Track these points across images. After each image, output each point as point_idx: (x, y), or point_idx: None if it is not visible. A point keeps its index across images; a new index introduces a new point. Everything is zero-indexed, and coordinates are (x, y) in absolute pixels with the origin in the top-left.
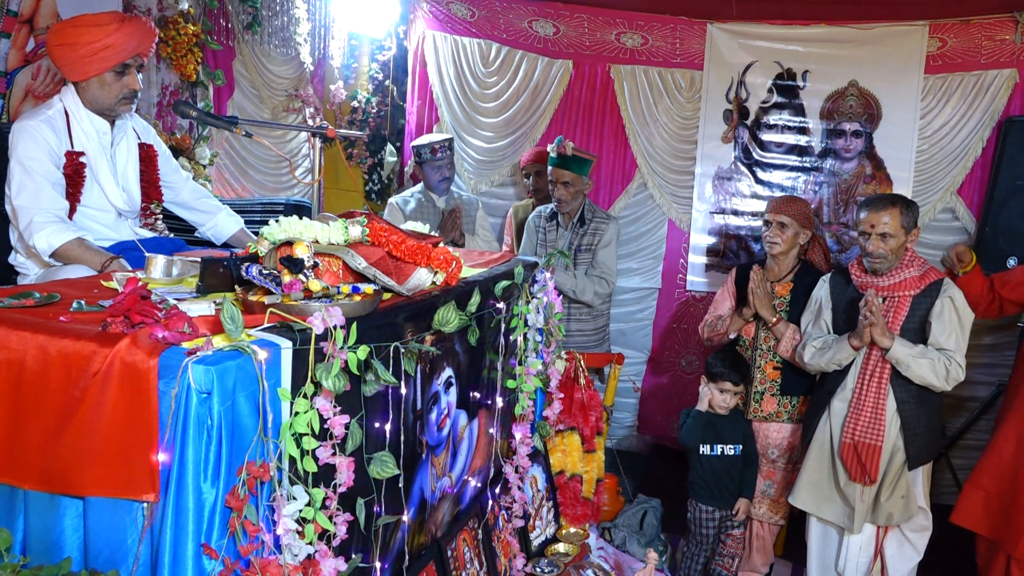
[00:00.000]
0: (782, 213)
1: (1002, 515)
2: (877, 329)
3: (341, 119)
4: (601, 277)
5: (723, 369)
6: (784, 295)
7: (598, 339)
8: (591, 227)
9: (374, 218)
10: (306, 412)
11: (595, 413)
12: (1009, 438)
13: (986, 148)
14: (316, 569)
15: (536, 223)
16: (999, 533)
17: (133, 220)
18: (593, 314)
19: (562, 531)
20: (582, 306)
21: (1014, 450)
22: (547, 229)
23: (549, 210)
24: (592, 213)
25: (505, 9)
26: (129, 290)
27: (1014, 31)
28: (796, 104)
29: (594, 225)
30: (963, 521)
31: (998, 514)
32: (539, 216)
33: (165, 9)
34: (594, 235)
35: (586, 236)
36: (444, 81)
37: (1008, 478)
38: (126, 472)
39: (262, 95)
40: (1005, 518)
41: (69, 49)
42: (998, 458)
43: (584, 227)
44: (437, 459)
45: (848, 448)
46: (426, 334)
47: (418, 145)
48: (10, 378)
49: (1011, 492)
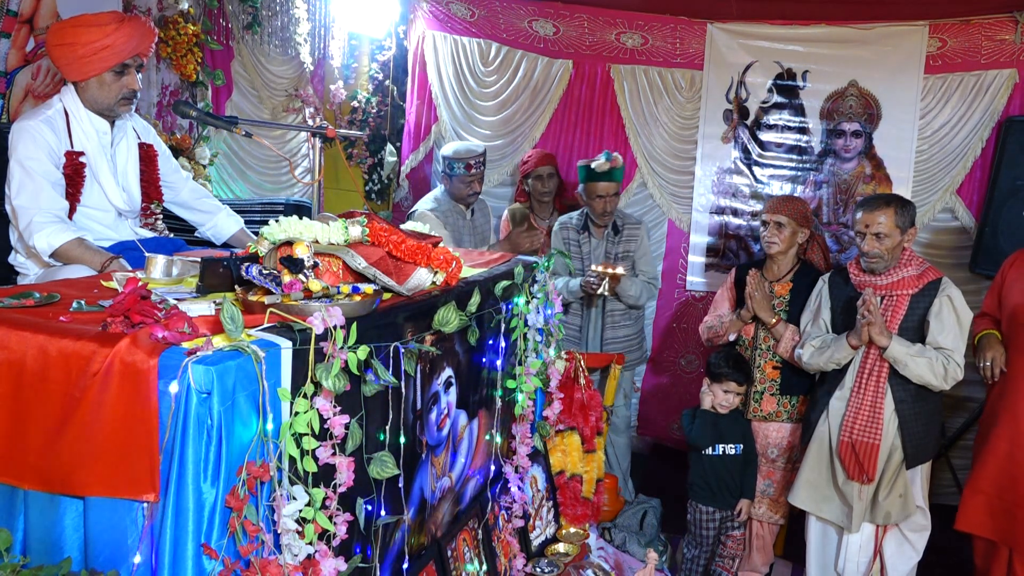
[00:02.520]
0: (780, 213)
1: (1005, 515)
2: (875, 328)
3: (341, 119)
4: (650, 282)
5: (727, 370)
6: (783, 295)
7: (639, 342)
8: (625, 234)
9: (374, 218)
10: (306, 412)
11: (595, 413)
12: (1002, 436)
13: (986, 148)
14: (316, 569)
15: (565, 234)
16: (1005, 535)
17: (133, 220)
18: (634, 317)
19: (562, 531)
20: (626, 312)
21: (1008, 448)
22: (580, 241)
23: (575, 221)
24: (622, 220)
25: (505, 9)
26: (129, 290)
27: (1014, 31)
28: (796, 104)
29: (627, 232)
30: (968, 527)
31: (1001, 515)
32: (566, 228)
33: (165, 9)
34: (629, 242)
35: (621, 243)
36: (444, 81)
37: (1007, 477)
38: (126, 472)
39: (261, 95)
40: (1009, 518)
41: (68, 49)
42: (994, 459)
43: (619, 235)
44: (437, 459)
45: (846, 447)
46: (426, 334)
47: (450, 158)
48: (10, 378)
49: (1012, 490)
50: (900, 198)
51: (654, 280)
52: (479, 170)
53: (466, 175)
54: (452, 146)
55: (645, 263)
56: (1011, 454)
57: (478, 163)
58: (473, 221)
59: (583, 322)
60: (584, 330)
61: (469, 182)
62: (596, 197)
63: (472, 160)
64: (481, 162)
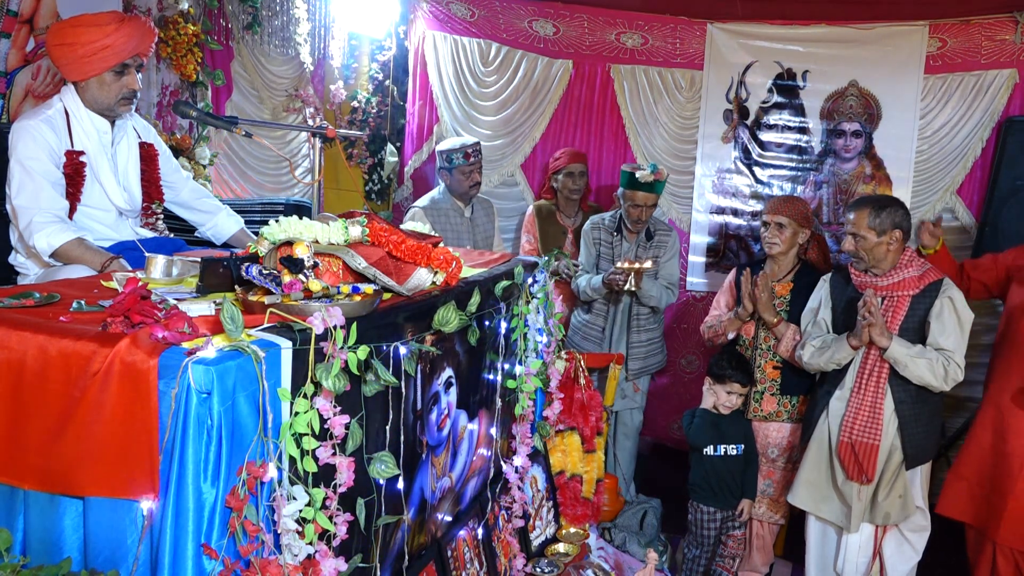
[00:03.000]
0: (780, 214)
1: (983, 501)
2: (876, 329)
3: (341, 119)
4: (668, 288)
5: (731, 371)
6: (784, 295)
7: (661, 346)
8: (656, 240)
9: (374, 218)
10: (306, 412)
11: (595, 413)
12: (986, 426)
13: (986, 148)
14: (316, 569)
15: (596, 235)
16: (982, 520)
17: (134, 220)
18: (657, 321)
19: (562, 531)
20: (650, 315)
21: (991, 438)
22: (612, 242)
23: (607, 221)
24: (655, 226)
25: (505, 9)
26: (129, 290)
27: (1014, 31)
28: (796, 104)
29: (659, 238)
30: (948, 511)
31: (980, 501)
32: (598, 228)
33: (165, 9)
34: (660, 248)
35: (652, 248)
36: (444, 81)
37: (987, 466)
38: (126, 472)
39: (261, 95)
40: (987, 504)
41: (68, 49)
42: (977, 447)
43: (651, 240)
44: (437, 459)
45: (846, 447)
46: (426, 334)
47: (448, 150)
48: (10, 378)
49: (991, 478)
50: (882, 201)
51: (673, 286)
52: (477, 159)
53: (465, 164)
54: (447, 141)
55: (669, 268)
56: (995, 444)
57: (475, 151)
58: (473, 219)
59: (606, 323)
60: (607, 331)
61: (469, 172)
62: (633, 205)
63: (469, 149)
64: (478, 150)
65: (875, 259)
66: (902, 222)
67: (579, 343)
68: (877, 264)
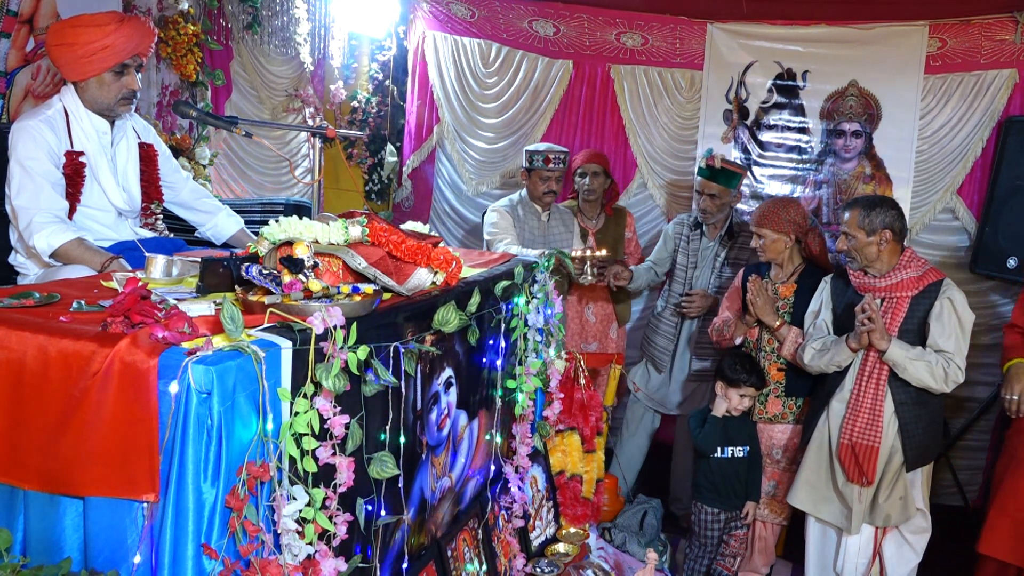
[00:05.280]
0: (762, 227)
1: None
2: (876, 332)
3: (341, 119)
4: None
5: (744, 375)
6: (788, 296)
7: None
8: (740, 241)
9: (374, 218)
10: (306, 412)
11: (595, 413)
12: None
13: (986, 148)
14: (316, 569)
15: (678, 230)
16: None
17: (133, 220)
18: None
19: (562, 531)
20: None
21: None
22: (691, 238)
23: (692, 218)
24: (739, 228)
25: (505, 9)
26: (129, 290)
27: (1014, 31)
28: (796, 104)
29: (742, 240)
30: (993, 551)
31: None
32: (681, 224)
33: (165, 9)
34: (741, 250)
35: (733, 250)
36: (444, 81)
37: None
38: (126, 472)
39: (261, 95)
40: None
41: (68, 49)
42: (1021, 483)
43: (733, 240)
44: (437, 459)
45: (846, 449)
46: (426, 334)
47: (533, 150)
48: (10, 378)
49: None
50: (873, 201)
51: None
52: (558, 167)
53: (544, 169)
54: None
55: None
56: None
57: (558, 160)
58: (548, 226)
59: (674, 346)
60: (672, 355)
61: (547, 178)
62: (696, 192)
63: (553, 155)
64: (562, 160)
65: (867, 259)
66: (892, 222)
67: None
68: (871, 264)
